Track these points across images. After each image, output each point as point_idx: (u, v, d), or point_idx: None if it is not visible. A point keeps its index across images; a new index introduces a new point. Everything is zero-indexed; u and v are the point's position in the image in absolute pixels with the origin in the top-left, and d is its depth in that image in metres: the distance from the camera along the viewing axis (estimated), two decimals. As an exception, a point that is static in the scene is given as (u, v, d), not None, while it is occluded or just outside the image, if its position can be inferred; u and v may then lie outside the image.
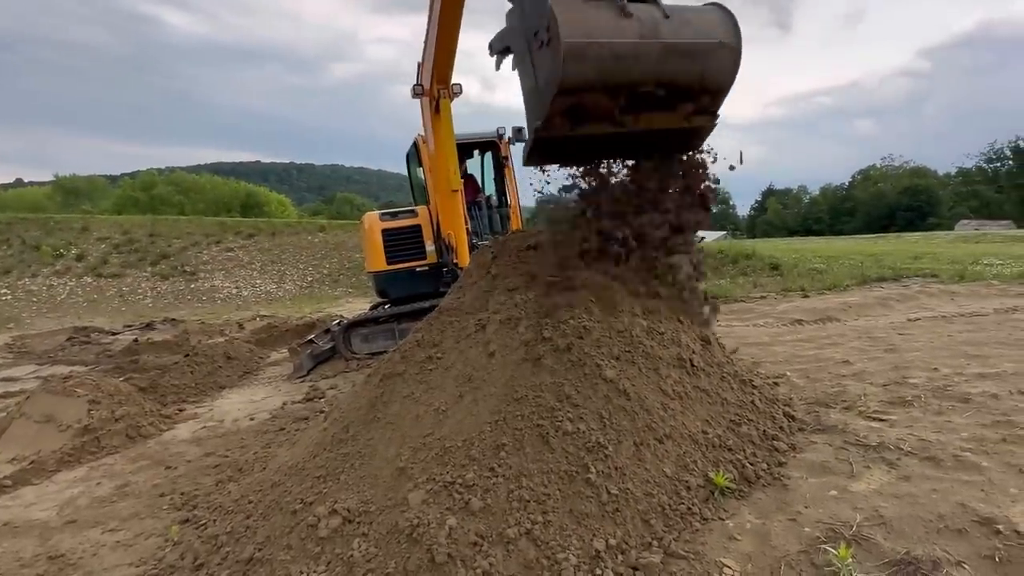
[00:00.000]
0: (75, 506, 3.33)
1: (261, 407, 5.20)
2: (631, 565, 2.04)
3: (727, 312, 7.53)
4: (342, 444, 2.80)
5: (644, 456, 2.41)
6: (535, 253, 3.12)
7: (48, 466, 3.93)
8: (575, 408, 2.47)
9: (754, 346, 5.15)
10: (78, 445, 4.19)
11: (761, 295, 8.94)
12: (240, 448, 4.08)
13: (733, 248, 14.46)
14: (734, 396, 2.86)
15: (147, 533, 2.94)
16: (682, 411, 2.62)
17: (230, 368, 6.65)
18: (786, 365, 4.34)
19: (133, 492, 3.48)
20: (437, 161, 5.94)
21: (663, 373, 2.66)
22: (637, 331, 2.77)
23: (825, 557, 1.92)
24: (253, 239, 20.07)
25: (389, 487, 2.41)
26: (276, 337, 8.81)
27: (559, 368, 2.59)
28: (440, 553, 2.04)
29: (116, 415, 4.63)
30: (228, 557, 2.43)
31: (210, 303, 15.91)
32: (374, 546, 2.17)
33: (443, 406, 2.68)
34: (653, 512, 2.22)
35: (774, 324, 6.52)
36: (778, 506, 2.27)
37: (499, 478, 2.26)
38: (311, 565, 2.18)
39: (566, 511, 2.19)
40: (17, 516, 3.25)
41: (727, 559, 2.01)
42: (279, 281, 17.77)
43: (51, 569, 2.65)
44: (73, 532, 3.02)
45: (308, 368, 6.31)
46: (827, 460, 2.57)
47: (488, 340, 2.85)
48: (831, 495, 2.29)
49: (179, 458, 4.01)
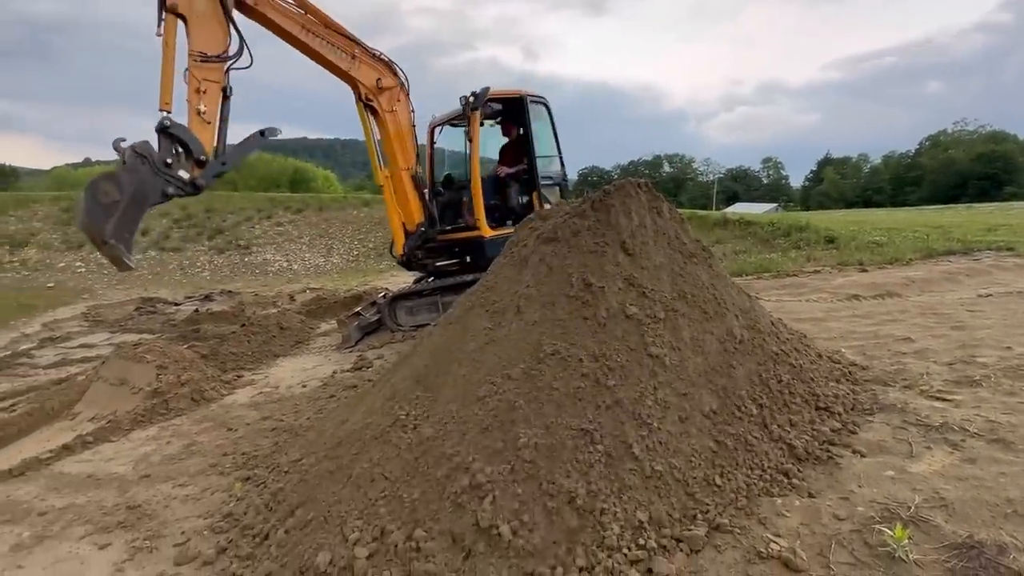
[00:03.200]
0: (148, 462, 3.60)
1: (312, 375, 5.42)
2: (675, 537, 2.05)
3: (778, 287, 7.26)
4: (387, 415, 2.89)
5: (689, 430, 2.38)
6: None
7: (123, 425, 4.25)
8: (621, 380, 2.46)
9: (807, 321, 4.95)
10: (149, 407, 4.50)
11: (814, 269, 8.55)
12: (294, 413, 4.29)
13: (785, 220, 13.83)
14: (783, 371, 2.78)
15: (212, 488, 3.15)
16: (727, 386, 2.57)
17: (283, 338, 6.96)
18: (841, 341, 4.16)
19: (199, 451, 3.73)
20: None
21: (707, 348, 2.60)
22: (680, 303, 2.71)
23: (880, 537, 1.87)
24: (301, 214, 20.65)
25: (434, 455, 2.48)
26: (325, 309, 9.13)
27: (604, 337, 2.57)
28: (484, 518, 2.11)
29: (182, 380, 4.93)
30: (285, 514, 2.58)
31: (263, 276, 16.58)
32: (422, 506, 2.26)
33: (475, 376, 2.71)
34: (698, 486, 2.21)
35: (829, 299, 6.23)
36: (830, 484, 2.21)
37: (539, 449, 2.29)
38: (362, 523, 2.29)
39: (609, 482, 2.20)
40: (99, 469, 3.54)
41: (775, 535, 1.98)
42: (327, 255, 18.29)
43: (130, 518, 2.89)
44: (147, 485, 3.27)
45: (356, 339, 6.51)
46: (884, 440, 2.47)
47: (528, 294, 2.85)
48: (887, 475, 2.21)
49: (239, 421, 4.25)
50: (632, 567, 1.94)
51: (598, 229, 3.00)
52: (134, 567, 2.47)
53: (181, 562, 2.46)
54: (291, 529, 2.45)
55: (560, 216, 3.20)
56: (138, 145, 4.37)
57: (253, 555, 2.40)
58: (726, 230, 13.71)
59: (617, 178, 2.84)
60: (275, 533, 2.48)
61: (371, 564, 2.09)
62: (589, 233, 3.00)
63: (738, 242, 12.73)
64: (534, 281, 2.97)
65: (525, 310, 2.89)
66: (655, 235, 3.06)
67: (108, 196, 4.09)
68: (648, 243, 3.00)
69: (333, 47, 5.69)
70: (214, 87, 4.80)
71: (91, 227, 4.06)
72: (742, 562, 1.89)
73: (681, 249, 3.11)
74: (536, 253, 3.10)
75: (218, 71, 4.81)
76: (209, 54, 4.76)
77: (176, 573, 2.39)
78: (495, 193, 6.69)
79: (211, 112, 4.78)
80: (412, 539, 2.14)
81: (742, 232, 13.29)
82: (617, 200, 3.06)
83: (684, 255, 3.09)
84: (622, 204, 3.05)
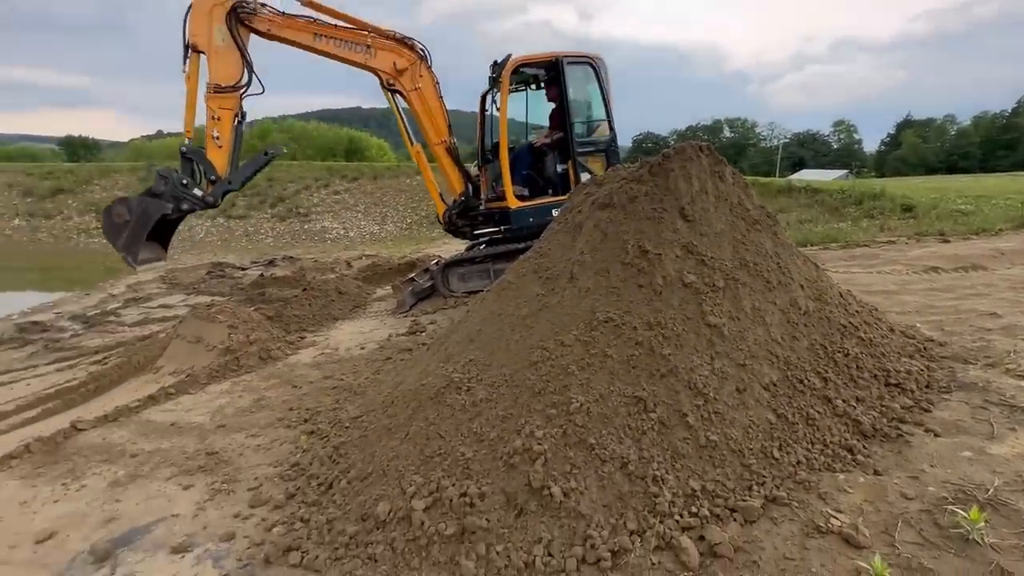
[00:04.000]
0: (223, 414, 3.88)
1: (369, 338, 5.63)
2: (729, 507, 2.02)
3: (846, 257, 6.85)
4: (442, 377, 2.96)
5: (747, 402, 2.32)
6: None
7: (200, 379, 4.58)
8: (676, 349, 2.42)
9: (878, 294, 4.66)
10: (222, 363, 4.82)
11: (888, 240, 7.99)
12: (353, 373, 4.49)
13: (857, 187, 12.86)
14: (851, 345, 2.64)
15: (281, 440, 3.37)
16: (790, 358, 2.47)
17: (342, 302, 7.23)
18: (917, 316, 3.90)
19: (267, 405, 3.97)
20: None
21: (769, 319, 2.50)
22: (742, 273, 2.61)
23: (952, 519, 1.77)
24: (357, 182, 21.12)
25: (487, 417, 2.54)
26: (380, 275, 9.39)
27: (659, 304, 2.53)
28: (536, 479, 2.15)
29: (251, 339, 5.24)
30: (347, 466, 2.73)
31: (321, 243, 17.19)
32: (476, 464, 2.33)
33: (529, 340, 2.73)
34: (754, 457, 2.16)
35: (904, 272, 5.83)
36: (898, 463, 2.11)
37: (591, 415, 2.30)
38: (419, 478, 2.39)
39: (662, 450, 2.19)
40: (180, 418, 3.84)
41: (836, 510, 1.92)
42: (381, 222, 18.71)
43: (209, 463, 3.14)
44: (223, 434, 3.53)
45: (410, 304, 6.68)
46: (962, 419, 2.32)
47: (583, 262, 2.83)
48: (964, 456, 2.09)
49: (303, 379, 4.49)
50: (684, 533, 1.94)
51: (656, 194, 2.91)
52: (214, 507, 2.69)
53: (255, 504, 2.66)
54: (353, 480, 2.60)
55: (616, 181, 3.12)
56: (162, 169, 5.46)
57: (319, 502, 2.56)
58: (791, 198, 12.95)
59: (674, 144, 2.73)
60: (338, 483, 2.63)
61: (427, 516, 2.19)
62: (646, 199, 2.92)
63: (803, 211, 12.03)
64: (588, 248, 2.93)
65: (579, 277, 2.86)
66: (716, 201, 2.94)
67: (120, 217, 5.18)
68: (709, 209, 2.89)
69: (346, 43, 5.82)
70: (227, 114, 5.45)
71: (108, 239, 5.33)
72: (799, 535, 1.85)
73: (744, 216, 2.97)
74: (591, 219, 3.05)
75: (232, 100, 5.44)
76: (223, 85, 5.37)
77: (251, 514, 2.58)
78: (533, 162, 6.58)
79: (224, 137, 5.48)
80: (466, 495, 2.22)
81: (808, 200, 12.52)
82: (677, 164, 2.95)
83: (747, 222, 2.96)
84: (682, 168, 2.94)
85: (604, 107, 6.46)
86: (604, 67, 6.45)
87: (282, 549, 2.25)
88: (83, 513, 2.69)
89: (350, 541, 2.23)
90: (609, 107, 6.47)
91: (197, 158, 5.45)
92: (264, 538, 2.36)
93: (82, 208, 19.81)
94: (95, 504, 2.77)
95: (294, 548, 2.25)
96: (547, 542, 2.01)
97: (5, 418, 4.35)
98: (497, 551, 2.02)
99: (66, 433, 3.59)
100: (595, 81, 6.38)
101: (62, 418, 4.06)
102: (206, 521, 2.56)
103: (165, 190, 5.32)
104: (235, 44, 5.30)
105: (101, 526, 2.57)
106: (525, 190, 6.42)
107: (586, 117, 6.50)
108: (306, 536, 2.32)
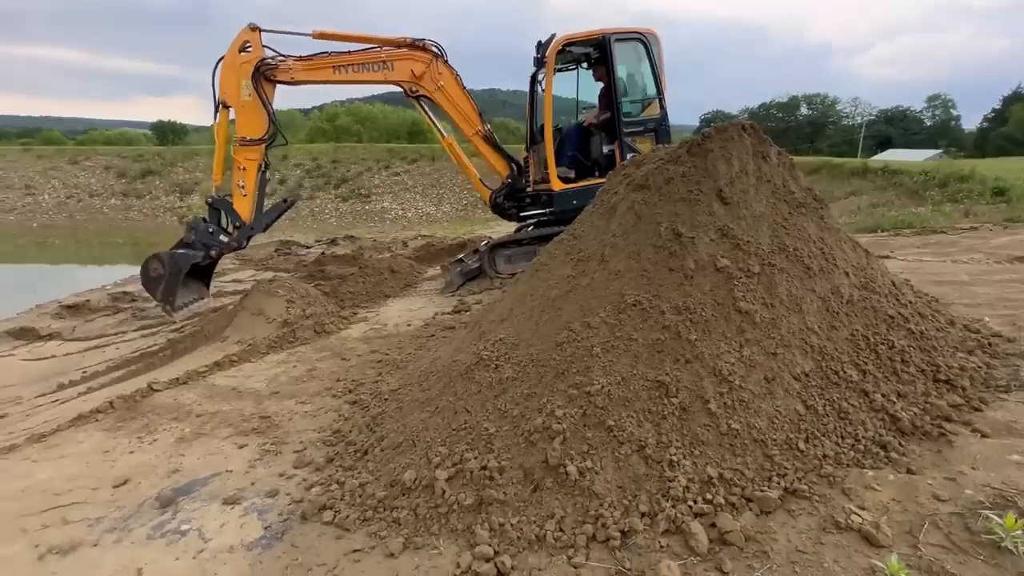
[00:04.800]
0: (278, 381, 4.17)
1: (417, 315, 5.83)
2: (746, 496, 2.00)
3: (919, 244, 6.35)
4: (473, 354, 3.05)
5: (775, 391, 2.26)
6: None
7: (260, 349, 4.93)
8: (704, 334, 2.38)
9: (947, 284, 4.31)
10: (280, 335, 5.16)
11: (970, 226, 7.30)
12: (398, 348, 4.68)
13: (942, 169, 11.70)
14: (898, 337, 2.49)
15: (327, 408, 3.59)
16: (826, 348, 2.37)
17: (394, 280, 7.51)
18: (987, 309, 3.59)
19: (318, 375, 4.23)
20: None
21: (806, 306, 2.40)
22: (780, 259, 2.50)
23: (986, 524, 1.67)
24: (416, 164, 21.60)
25: (512, 395, 2.60)
26: (433, 255, 9.65)
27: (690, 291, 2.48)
28: (553, 457, 2.20)
29: (307, 313, 5.56)
30: (382, 435, 2.88)
31: (380, 222, 17.78)
32: (498, 440, 2.40)
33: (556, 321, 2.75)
34: (777, 448, 2.11)
35: (983, 261, 5.34)
36: (936, 462, 2.00)
37: (612, 397, 2.31)
38: (444, 449, 2.50)
39: (681, 435, 2.18)
40: (240, 384, 4.17)
41: (859, 507, 1.85)
42: (438, 204, 19.09)
43: (262, 425, 3.40)
44: (276, 401, 3.80)
45: (458, 284, 6.84)
46: (1016, 421, 2.15)
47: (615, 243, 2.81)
48: (1012, 459, 1.94)
49: (351, 352, 4.74)
50: (696, 519, 1.94)
51: (693, 176, 2.84)
52: (263, 465, 2.93)
53: (298, 466, 2.87)
54: (385, 448, 2.75)
55: (653, 162, 3.06)
56: (191, 220, 6.01)
57: (354, 467, 2.73)
58: (865, 180, 12.04)
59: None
60: (373, 450, 2.79)
61: (449, 485, 2.29)
62: (683, 180, 2.85)
63: (878, 194, 11.15)
64: (621, 230, 2.91)
65: (610, 259, 2.85)
66: (758, 182, 2.82)
67: (155, 271, 5.64)
68: (749, 191, 2.78)
69: (364, 66, 6.03)
70: (253, 165, 5.87)
71: (148, 292, 5.81)
72: (816, 529, 1.80)
73: (787, 198, 2.84)
74: (625, 201, 3.01)
75: (257, 152, 5.85)
76: (249, 138, 5.78)
77: (294, 474, 2.79)
78: (579, 144, 6.49)
79: (249, 187, 5.90)
80: (487, 468, 2.30)
81: (885, 182, 11.59)
82: (716, 145, 2.85)
83: (791, 205, 2.83)
84: (722, 149, 2.84)
85: (655, 85, 6.25)
86: (656, 43, 6.23)
87: (317, 507, 2.42)
88: (153, 464, 3.00)
89: (378, 504, 2.38)
90: (661, 85, 6.26)
91: (223, 207, 5.93)
92: (303, 496, 2.56)
93: (168, 188, 21.45)
94: (163, 457, 3.08)
95: (328, 507, 2.42)
96: (559, 518, 2.07)
97: (97, 377, 4.89)
98: (511, 523, 2.09)
99: (143, 393, 3.99)
100: (645, 58, 6.19)
101: (142, 379, 4.50)
102: (255, 478, 2.80)
103: (195, 239, 5.80)
104: (260, 100, 5.70)
105: (167, 476, 2.87)
106: (571, 172, 6.36)
107: (635, 96, 6.33)
108: (340, 497, 2.48)
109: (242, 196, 5.90)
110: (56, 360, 5.55)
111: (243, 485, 2.73)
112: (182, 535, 2.34)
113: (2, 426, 3.86)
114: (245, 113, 5.75)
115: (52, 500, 2.67)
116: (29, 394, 4.56)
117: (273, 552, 2.17)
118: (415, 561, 2.02)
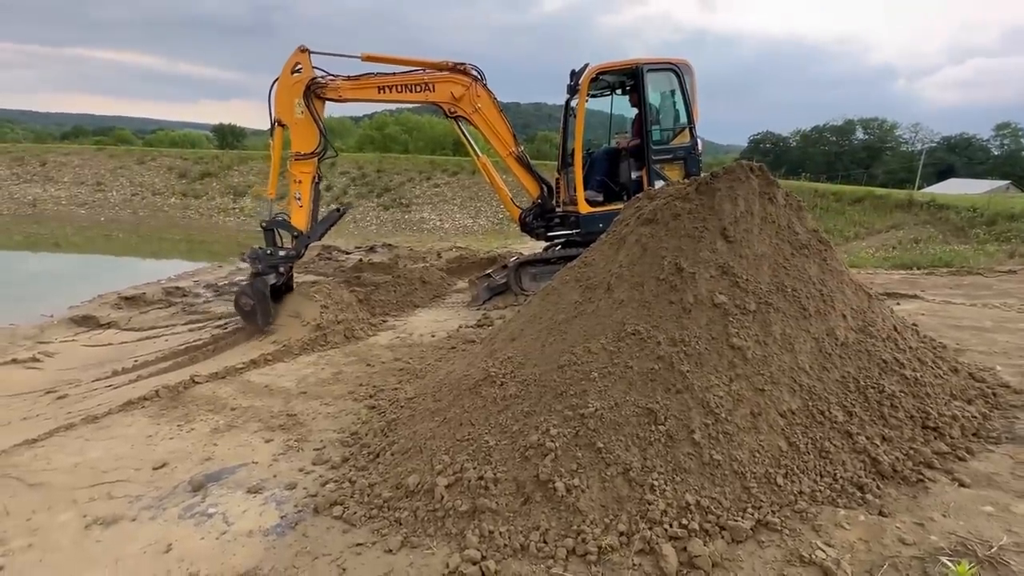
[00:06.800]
0: (306, 382, 4.47)
1: (442, 327, 6.08)
2: (719, 524, 2.11)
3: (951, 285, 6.18)
4: (482, 370, 3.25)
5: (759, 426, 2.36)
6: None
7: (293, 350, 5.27)
8: (696, 367, 2.51)
9: (967, 330, 4.24)
10: (312, 337, 5.50)
11: (1010, 269, 7.03)
12: (420, 358, 4.93)
13: (993, 205, 11.19)
14: (890, 382, 2.55)
15: (348, 411, 3.85)
16: (815, 388, 2.45)
17: (424, 291, 7.80)
18: (1002, 358, 3.54)
19: (343, 379, 4.51)
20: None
21: (798, 346, 2.50)
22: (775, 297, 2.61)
23: (942, 570, 1.74)
24: (456, 176, 22.12)
25: (513, 411, 2.78)
26: (465, 267, 9.92)
27: (684, 320, 2.61)
28: (544, 473, 2.36)
29: (339, 319, 5.90)
30: (393, 440, 3.11)
31: (419, 233, 18.29)
32: (496, 453, 2.58)
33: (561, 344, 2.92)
34: (756, 481, 2.21)
35: (1015, 307, 5.18)
36: (908, 507, 2.06)
37: (603, 420, 2.46)
38: (447, 458, 2.69)
39: (665, 462, 2.31)
40: (272, 382, 4.49)
41: (826, 543, 1.95)
42: (475, 216, 19.49)
43: (288, 422, 3.69)
44: (303, 400, 4.09)
45: (484, 299, 7.07)
46: (997, 473, 2.19)
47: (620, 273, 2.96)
48: (983, 510, 1.99)
49: (376, 359, 5.01)
50: (669, 542, 2.06)
51: (699, 213, 2.97)
52: (286, 459, 3.19)
53: (317, 463, 3.12)
54: (395, 453, 2.97)
55: (663, 197, 3.21)
56: (249, 252, 6.31)
57: (366, 468, 2.96)
58: (909, 213, 11.66)
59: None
60: (384, 454, 3.02)
61: (448, 491, 2.48)
62: (689, 217, 2.99)
63: (920, 228, 10.80)
64: (627, 261, 3.06)
65: (615, 288, 3.01)
66: (762, 223, 2.93)
67: (247, 305, 5.89)
68: (752, 231, 2.90)
69: (407, 87, 6.37)
70: (307, 177, 6.25)
71: (249, 325, 5.99)
72: (780, 561, 1.91)
73: (791, 239, 2.94)
74: (634, 233, 3.17)
75: (311, 165, 6.23)
76: (303, 153, 6.16)
77: (312, 470, 3.05)
78: (608, 168, 6.67)
79: (305, 198, 6.29)
80: (483, 479, 2.49)
81: (930, 216, 11.21)
82: (723, 184, 2.98)
83: (793, 246, 2.92)
84: (729, 189, 2.97)
85: (687, 114, 6.39)
86: (690, 73, 6.37)
87: (329, 503, 2.65)
88: (188, 451, 3.31)
89: (384, 504, 2.59)
90: (692, 114, 6.38)
91: (277, 226, 6.33)
92: (318, 491, 2.80)
93: (223, 190, 22.65)
94: (198, 445, 3.39)
95: (338, 503, 2.65)
96: (544, 530, 2.23)
97: (147, 366, 5.33)
98: (500, 531, 2.27)
99: (186, 384, 4.35)
100: (678, 87, 6.34)
101: (186, 371, 4.89)
102: (277, 471, 3.07)
103: (262, 267, 6.14)
104: (312, 116, 6.10)
105: (200, 463, 3.17)
106: (599, 196, 6.53)
107: (666, 124, 6.47)
108: (350, 495, 2.71)
109: (299, 207, 6.28)
110: (112, 348, 6.05)
111: (266, 476, 3.00)
112: (208, 517, 2.62)
113: (62, 405, 4.29)
114: (298, 129, 6.15)
115: (100, 476, 3.01)
116: (87, 378, 5.02)
117: (286, 539, 2.40)
118: (410, 559, 2.22)
